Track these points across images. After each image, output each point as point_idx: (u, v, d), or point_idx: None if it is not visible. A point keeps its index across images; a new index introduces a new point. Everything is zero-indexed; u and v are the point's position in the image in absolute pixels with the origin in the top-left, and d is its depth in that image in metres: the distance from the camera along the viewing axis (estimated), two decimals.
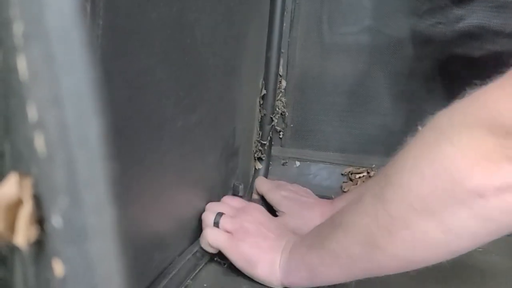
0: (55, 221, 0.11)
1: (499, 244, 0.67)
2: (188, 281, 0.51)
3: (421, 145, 0.38)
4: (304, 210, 0.66)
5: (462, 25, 0.72)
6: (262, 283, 0.52)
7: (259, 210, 0.58)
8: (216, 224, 0.54)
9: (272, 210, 0.69)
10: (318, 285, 0.49)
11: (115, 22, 0.34)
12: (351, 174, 0.79)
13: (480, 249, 0.66)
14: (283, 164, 0.80)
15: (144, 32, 0.39)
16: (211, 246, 0.53)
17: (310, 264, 0.48)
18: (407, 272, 0.58)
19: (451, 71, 0.75)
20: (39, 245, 0.13)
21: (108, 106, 0.35)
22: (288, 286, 0.51)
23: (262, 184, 0.72)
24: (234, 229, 0.53)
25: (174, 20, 0.44)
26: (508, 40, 0.71)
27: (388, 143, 0.78)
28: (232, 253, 0.52)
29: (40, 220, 0.13)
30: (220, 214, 0.55)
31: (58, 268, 0.12)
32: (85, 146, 0.11)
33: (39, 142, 0.11)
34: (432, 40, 0.74)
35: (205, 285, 0.52)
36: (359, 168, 0.79)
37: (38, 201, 0.13)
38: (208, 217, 0.55)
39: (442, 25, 0.73)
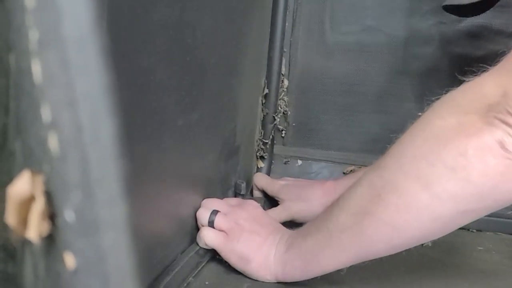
0: (68, 215, 0.12)
1: (500, 243, 0.68)
2: (190, 278, 0.51)
3: (417, 123, 0.43)
4: (304, 192, 0.66)
5: (464, 24, 0.73)
6: (255, 278, 0.52)
7: (254, 206, 0.58)
8: (211, 223, 0.54)
9: (274, 205, 0.69)
10: (311, 274, 0.50)
11: (118, 23, 0.34)
12: (353, 172, 0.79)
13: (481, 248, 0.67)
14: (285, 163, 0.81)
15: (146, 33, 0.39)
16: (208, 246, 0.54)
17: (305, 251, 0.48)
18: (405, 267, 0.58)
19: (453, 70, 0.75)
20: (50, 239, 0.14)
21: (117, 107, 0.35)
22: (282, 280, 0.51)
23: (261, 179, 0.73)
24: (229, 228, 0.54)
25: (176, 20, 0.44)
26: (510, 39, 0.71)
27: (389, 142, 0.78)
28: (227, 252, 0.53)
29: (51, 215, 0.13)
30: (215, 212, 0.55)
31: (70, 260, 0.12)
32: (98, 145, 0.11)
33: (53, 142, 0.12)
34: (433, 40, 0.74)
35: (207, 282, 0.52)
36: (360, 167, 0.79)
37: (49, 197, 0.13)
38: (203, 215, 0.55)
39: (444, 24, 0.73)
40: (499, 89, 0.38)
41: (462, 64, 0.74)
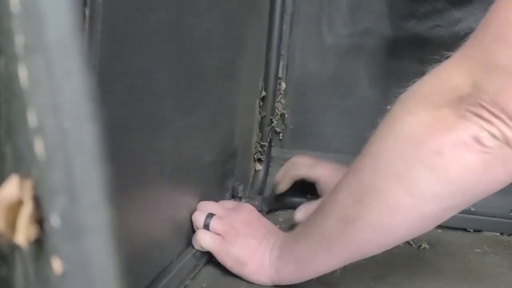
0: (54, 220, 0.12)
1: (498, 245, 0.68)
2: (187, 281, 0.52)
3: (386, 119, 0.42)
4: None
5: (461, 27, 0.73)
6: (252, 281, 0.52)
7: (249, 210, 0.58)
8: (207, 226, 0.54)
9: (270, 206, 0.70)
10: (306, 277, 0.50)
11: (113, 26, 0.34)
12: None
13: (479, 250, 0.67)
14: (282, 165, 0.81)
15: (143, 35, 0.39)
16: (203, 248, 0.54)
17: (298, 256, 0.49)
18: (402, 269, 0.58)
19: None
20: (39, 244, 0.14)
21: (107, 108, 0.35)
22: (277, 283, 0.52)
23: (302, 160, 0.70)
24: (224, 231, 0.54)
25: (173, 23, 0.44)
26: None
27: None
28: (222, 256, 0.53)
29: (39, 220, 0.13)
30: (210, 216, 0.55)
31: (57, 265, 0.12)
32: (82, 150, 0.11)
33: (39, 146, 0.12)
34: (430, 42, 0.74)
35: (204, 285, 0.52)
36: None
37: (38, 201, 0.13)
38: (199, 218, 0.55)
39: (440, 27, 0.73)
40: (468, 79, 0.37)
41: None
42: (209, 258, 0.56)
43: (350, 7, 0.76)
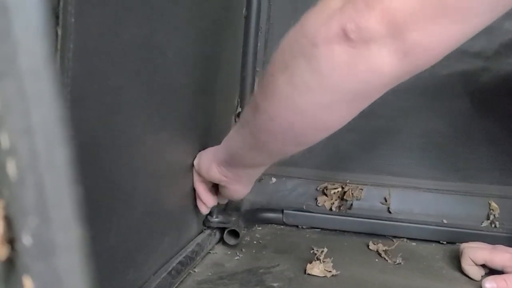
0: (26, 239, 0.12)
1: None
2: None
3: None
4: None
5: None
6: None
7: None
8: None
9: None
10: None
11: (85, 45, 0.34)
12: (326, 189, 0.81)
13: (452, 264, 0.68)
14: (259, 181, 0.81)
15: (114, 53, 0.40)
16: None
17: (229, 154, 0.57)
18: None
19: (419, 89, 0.77)
20: (10, 264, 0.14)
21: (79, 125, 0.35)
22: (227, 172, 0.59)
23: (479, 252, 0.63)
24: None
25: (145, 41, 0.45)
26: (473, 59, 0.74)
27: (360, 159, 0.80)
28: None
29: (10, 239, 0.14)
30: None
31: (28, 284, 0.13)
32: (54, 171, 0.12)
33: (11, 167, 0.12)
34: None
35: None
36: (333, 184, 0.80)
37: (9, 221, 0.13)
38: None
39: None
40: None
41: (428, 82, 0.77)
42: (186, 276, 0.55)
43: None
